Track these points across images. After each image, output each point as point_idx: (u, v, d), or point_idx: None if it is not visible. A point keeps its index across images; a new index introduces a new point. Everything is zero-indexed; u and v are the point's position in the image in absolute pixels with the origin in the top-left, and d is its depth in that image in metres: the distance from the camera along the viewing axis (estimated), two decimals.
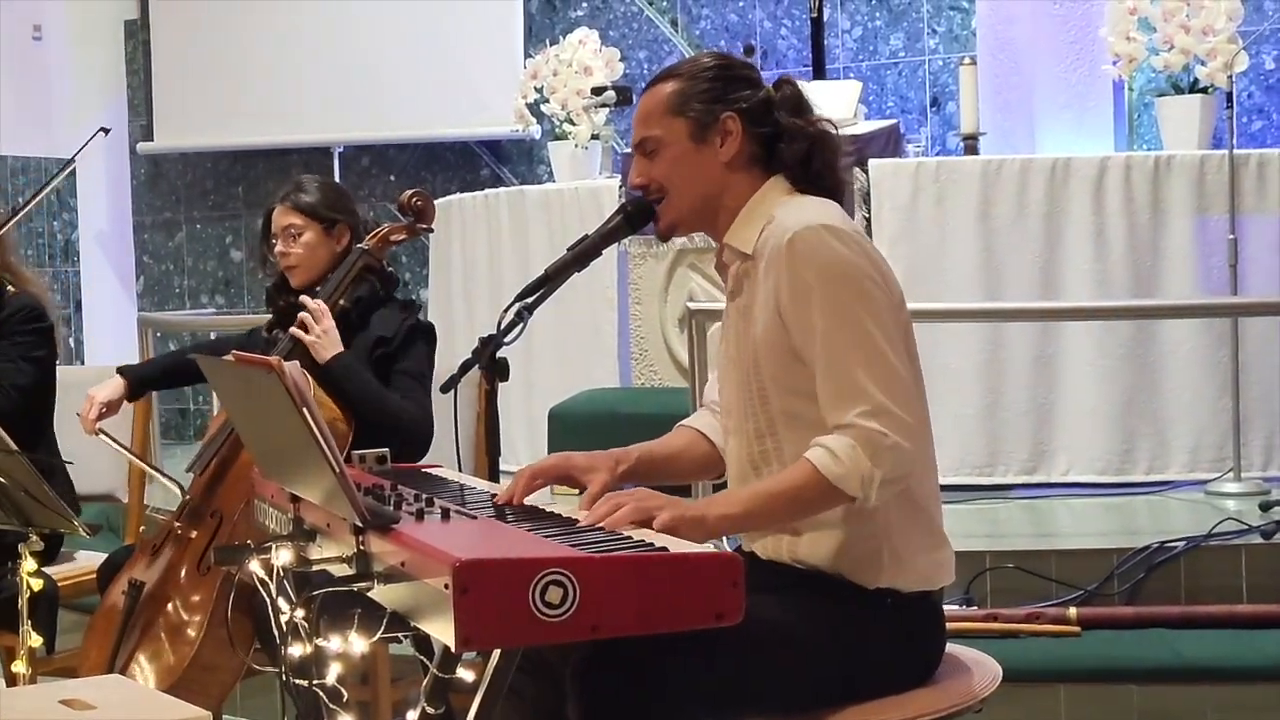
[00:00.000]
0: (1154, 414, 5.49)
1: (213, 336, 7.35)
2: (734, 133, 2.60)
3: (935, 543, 2.61)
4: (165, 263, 9.03)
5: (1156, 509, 5.18)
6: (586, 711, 2.32)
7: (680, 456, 2.81)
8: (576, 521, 2.31)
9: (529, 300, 2.68)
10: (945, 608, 2.69)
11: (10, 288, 4.23)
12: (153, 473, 4.15)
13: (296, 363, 2.28)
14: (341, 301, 3.78)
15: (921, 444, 2.49)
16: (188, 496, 3.78)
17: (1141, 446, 5.49)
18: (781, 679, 2.45)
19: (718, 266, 2.75)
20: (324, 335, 3.70)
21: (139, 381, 4.08)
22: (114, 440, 4.04)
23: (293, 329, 3.73)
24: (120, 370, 4.09)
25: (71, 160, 4.72)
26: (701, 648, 2.27)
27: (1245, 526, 4.50)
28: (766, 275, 2.53)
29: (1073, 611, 4.14)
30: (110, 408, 4.00)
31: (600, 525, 2.27)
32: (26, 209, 4.62)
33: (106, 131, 4.75)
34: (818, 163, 2.64)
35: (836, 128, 2.70)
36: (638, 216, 2.70)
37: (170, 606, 3.65)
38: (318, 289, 3.82)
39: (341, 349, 3.70)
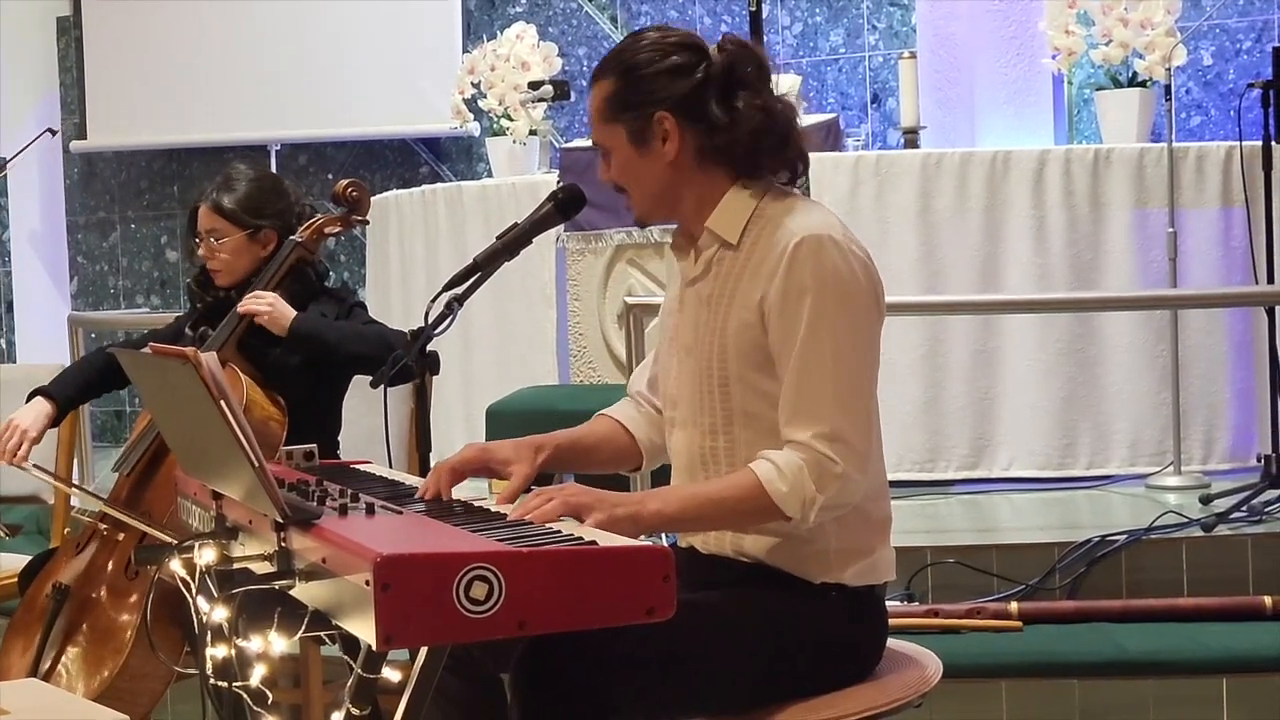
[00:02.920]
0: (1094, 408, 5.48)
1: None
2: (671, 132, 2.52)
3: (882, 537, 2.58)
4: (100, 263, 8.90)
5: (1097, 503, 5.18)
6: (527, 712, 2.27)
7: (600, 446, 2.76)
8: (504, 516, 2.26)
9: (458, 291, 2.62)
10: (886, 603, 2.65)
11: None
12: (77, 493, 3.89)
13: (214, 354, 2.21)
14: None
15: (871, 469, 2.46)
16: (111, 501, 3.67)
17: (1082, 441, 5.49)
18: (723, 675, 2.41)
19: (675, 245, 2.66)
20: (276, 303, 3.62)
21: (67, 403, 3.87)
22: (41, 470, 3.79)
23: (241, 308, 3.63)
24: (44, 393, 3.84)
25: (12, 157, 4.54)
26: (643, 645, 2.25)
27: (1185, 520, 4.50)
28: (757, 272, 2.47)
29: (1014, 606, 4.12)
30: (38, 439, 3.77)
31: (527, 519, 2.21)
32: None
33: (53, 133, 4.57)
34: (762, 150, 2.53)
35: (777, 102, 2.55)
36: (568, 204, 2.65)
37: (97, 611, 3.56)
38: (251, 279, 3.74)
39: (295, 312, 3.62)
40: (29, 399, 3.85)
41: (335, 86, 8.00)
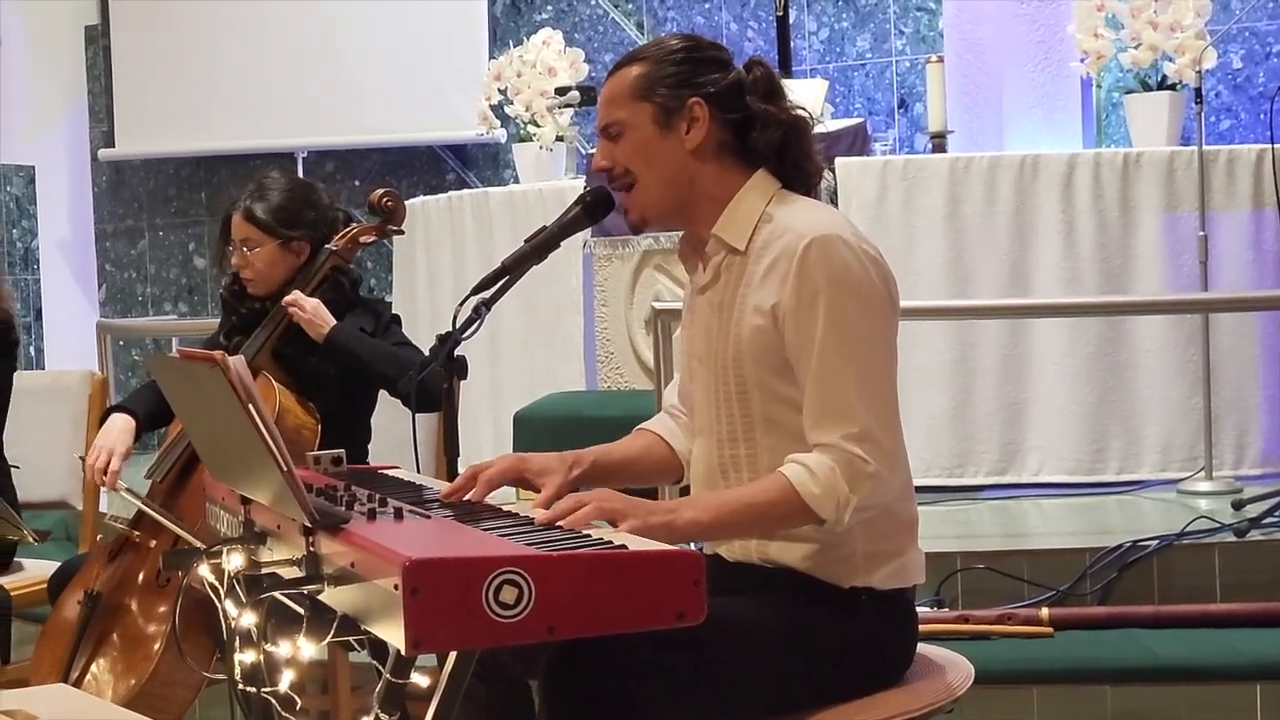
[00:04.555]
0: (1125, 413, 5.45)
1: (175, 344, 7.26)
2: (701, 119, 2.51)
3: (910, 539, 2.56)
4: (128, 270, 8.93)
5: (1128, 509, 5.15)
6: (556, 717, 2.27)
7: (638, 460, 2.74)
8: (533, 520, 2.24)
9: (486, 295, 2.61)
10: (916, 608, 2.63)
11: None
12: (172, 526, 3.80)
13: (241, 357, 2.21)
14: None
15: (900, 469, 2.45)
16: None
17: (1113, 446, 5.46)
18: (753, 680, 2.39)
19: (682, 255, 2.67)
20: (318, 309, 3.62)
21: (148, 417, 3.81)
22: (135, 496, 3.62)
23: (285, 300, 3.64)
24: (121, 409, 3.78)
25: None
26: (671, 651, 2.23)
27: (1218, 525, 4.46)
28: (767, 277, 2.45)
29: (1045, 612, 4.09)
30: (127, 455, 3.71)
31: (559, 524, 2.20)
32: None
33: None
34: (793, 152, 2.56)
35: (810, 115, 2.62)
36: (596, 207, 2.63)
37: (129, 619, 3.56)
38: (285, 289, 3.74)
39: (335, 321, 3.62)
40: (103, 418, 3.82)
41: (362, 94, 8.01)
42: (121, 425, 3.74)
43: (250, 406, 2.07)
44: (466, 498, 2.44)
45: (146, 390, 3.92)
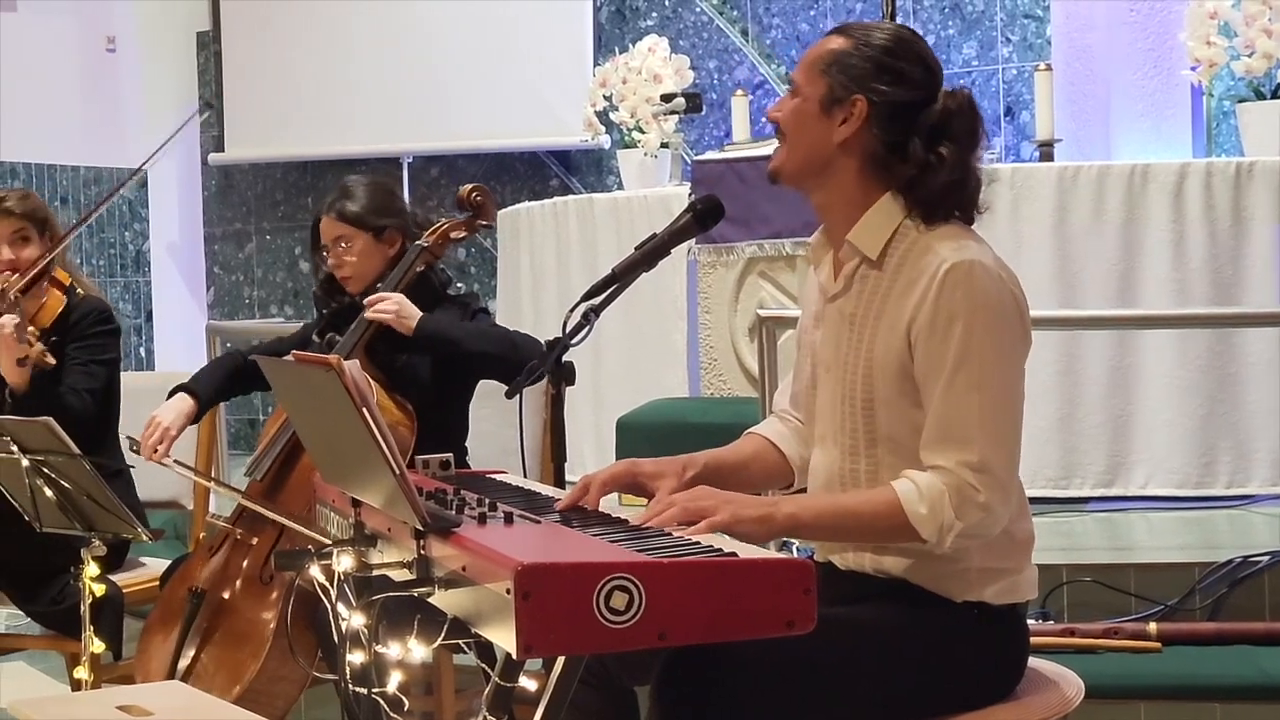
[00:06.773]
0: (1235, 426, 5.36)
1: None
2: (856, 117, 2.50)
3: (1025, 556, 2.54)
4: (235, 273, 9.05)
5: (1238, 523, 5.06)
6: None
7: (749, 464, 2.73)
8: (640, 526, 2.25)
9: (595, 301, 2.63)
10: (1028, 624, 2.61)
11: (79, 291, 4.22)
12: (221, 490, 3.95)
13: (356, 362, 2.23)
14: None
15: (1015, 490, 2.43)
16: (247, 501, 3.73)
17: (1222, 459, 5.37)
18: (863, 691, 2.39)
19: (814, 252, 2.65)
20: (402, 304, 3.67)
21: (208, 401, 3.92)
22: (182, 465, 3.84)
23: (368, 313, 3.68)
24: (186, 389, 3.89)
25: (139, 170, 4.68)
26: (780, 660, 2.24)
27: None
28: (905, 295, 2.44)
29: (1153, 627, 4.03)
30: (178, 436, 3.82)
31: (664, 529, 2.20)
32: (91, 217, 4.52)
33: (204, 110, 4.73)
34: (921, 191, 2.50)
35: (977, 168, 2.55)
36: (707, 215, 2.64)
37: (234, 616, 3.61)
38: (378, 286, 3.78)
39: (420, 312, 3.67)
40: (170, 395, 3.91)
41: (467, 99, 8.06)
42: (180, 406, 3.84)
43: (365, 411, 2.09)
44: (571, 500, 2.45)
45: (211, 369, 4.04)
